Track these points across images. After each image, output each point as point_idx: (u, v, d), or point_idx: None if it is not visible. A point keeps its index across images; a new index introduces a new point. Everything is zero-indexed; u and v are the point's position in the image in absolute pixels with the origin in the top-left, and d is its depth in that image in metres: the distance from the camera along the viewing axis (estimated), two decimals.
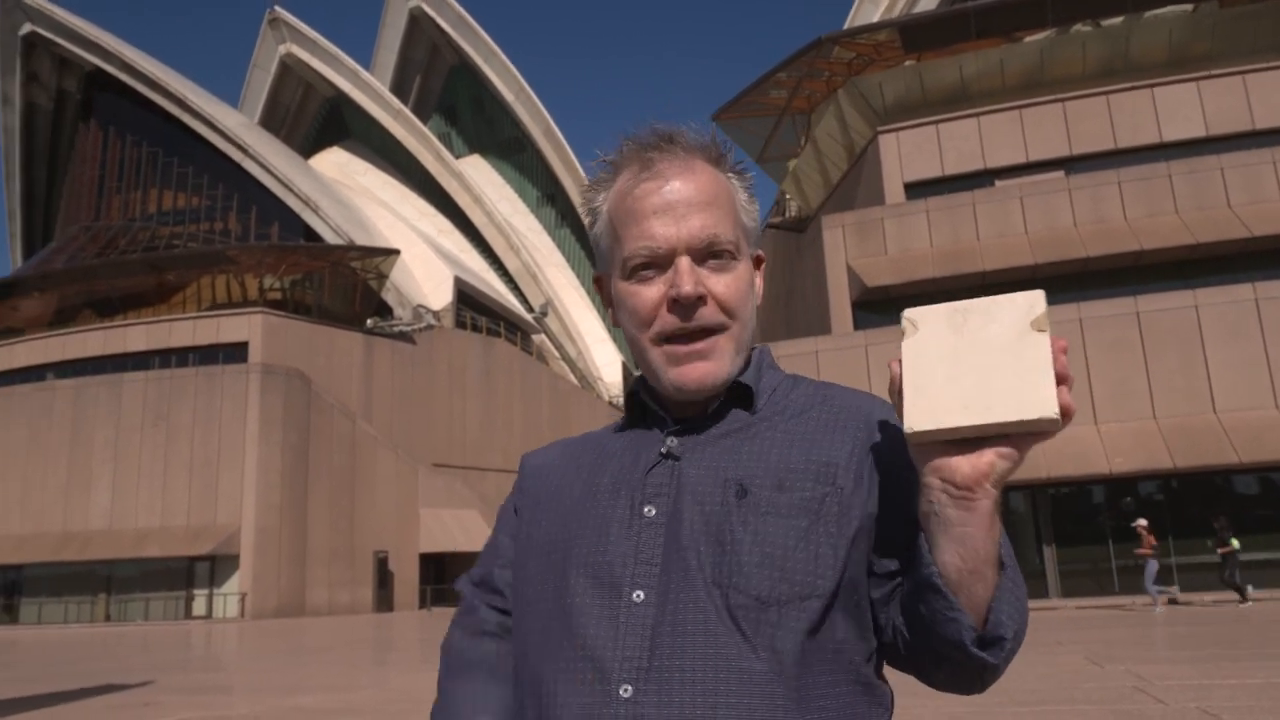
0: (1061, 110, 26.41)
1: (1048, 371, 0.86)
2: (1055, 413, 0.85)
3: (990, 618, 0.92)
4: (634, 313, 1.08)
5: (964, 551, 0.91)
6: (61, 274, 47.37)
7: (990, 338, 0.89)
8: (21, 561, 39.07)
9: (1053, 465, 21.38)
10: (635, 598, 0.99)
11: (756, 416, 1.09)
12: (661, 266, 1.06)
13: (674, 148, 1.09)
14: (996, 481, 0.90)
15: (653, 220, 1.06)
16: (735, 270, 1.08)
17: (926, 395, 0.90)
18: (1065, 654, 10.94)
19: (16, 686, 11.84)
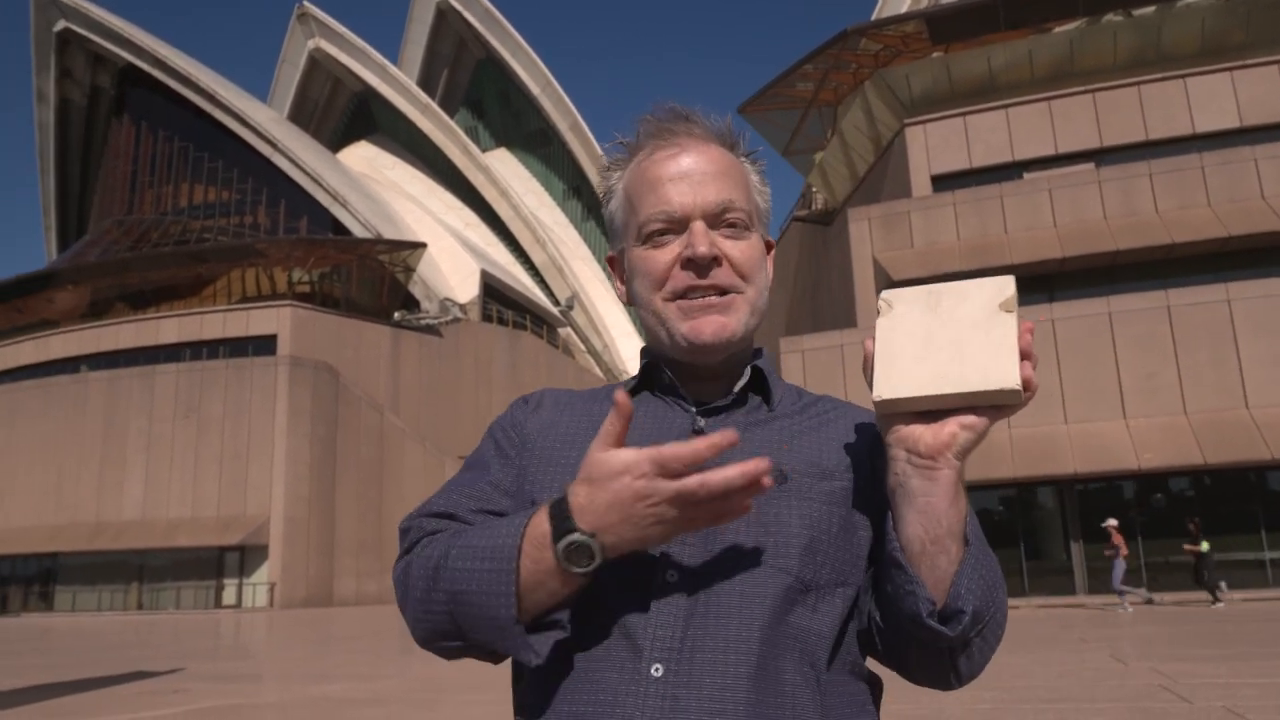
0: (1092, 101, 26.09)
1: (1012, 347, 0.89)
2: (1016, 383, 0.88)
3: (951, 590, 0.93)
4: (647, 274, 1.09)
5: (926, 522, 0.92)
6: (95, 267, 48.06)
7: (961, 317, 0.92)
8: (57, 550, 39.81)
9: (1080, 461, 21.18)
10: (669, 577, 0.97)
11: (779, 413, 1.10)
12: (677, 232, 1.07)
13: (690, 125, 1.11)
14: (959, 452, 0.92)
15: (669, 186, 1.07)
16: (749, 239, 1.10)
17: (896, 367, 0.93)
18: (1090, 652, 10.86)
19: (52, 672, 12.09)
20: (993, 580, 0.96)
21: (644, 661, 0.94)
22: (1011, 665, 9.71)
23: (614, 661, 0.95)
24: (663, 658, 0.93)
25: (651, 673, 0.93)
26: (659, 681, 0.93)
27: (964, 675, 1.00)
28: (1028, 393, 0.89)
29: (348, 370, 41.92)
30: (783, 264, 38.48)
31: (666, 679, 0.92)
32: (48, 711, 8.36)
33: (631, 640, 0.95)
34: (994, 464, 21.79)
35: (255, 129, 50.29)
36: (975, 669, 1.00)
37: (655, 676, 0.93)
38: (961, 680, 1.01)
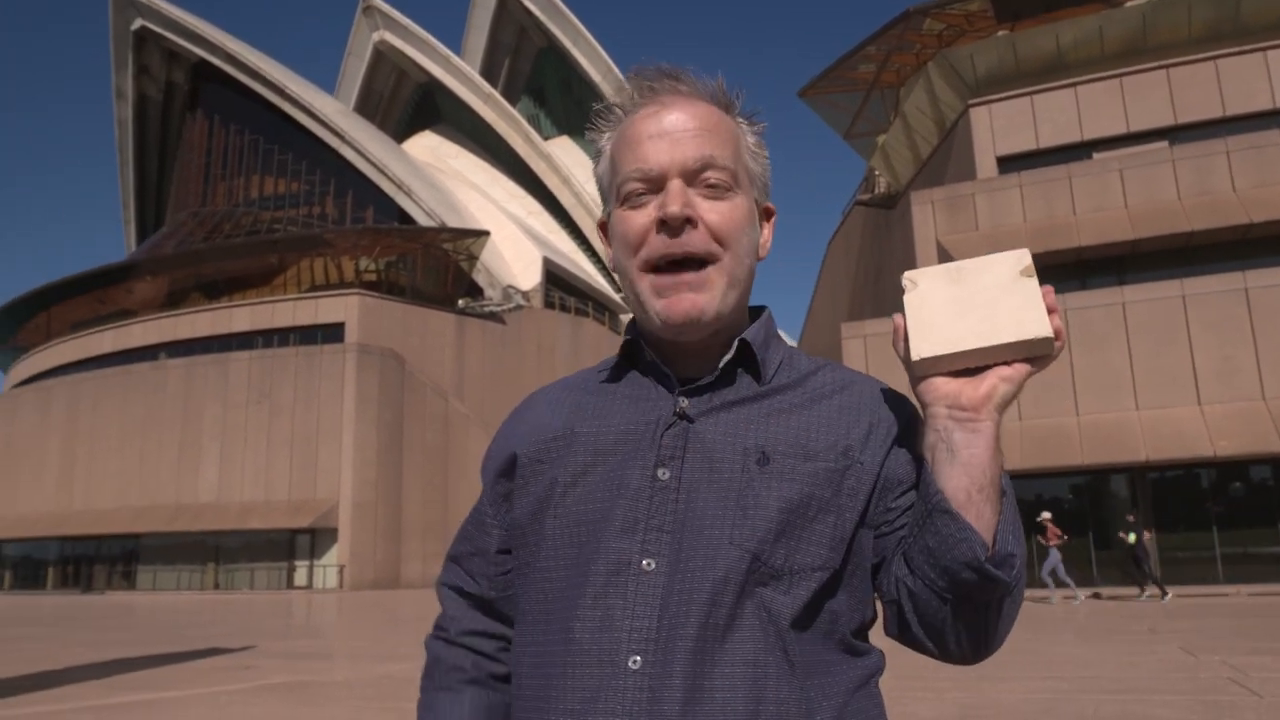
0: (1165, 77, 25.26)
1: (1039, 302, 0.94)
2: (1048, 331, 0.93)
3: (998, 539, 0.94)
4: (623, 238, 1.05)
5: (971, 474, 0.94)
6: (172, 258, 49.53)
7: (986, 284, 0.97)
8: (139, 531, 41.27)
9: (1153, 448, 20.64)
10: (645, 565, 0.96)
11: (769, 388, 1.06)
12: (655, 191, 1.03)
13: (677, 84, 1.07)
14: (999, 404, 0.95)
15: (647, 144, 1.04)
16: (732, 200, 1.04)
17: (931, 328, 0.97)
18: (1159, 643, 10.62)
19: (133, 647, 12.59)
20: (1022, 531, 0.99)
21: (622, 655, 0.93)
22: (1075, 656, 9.56)
23: (594, 655, 0.94)
24: (640, 648, 0.93)
25: (630, 665, 0.93)
26: (636, 673, 0.92)
27: (994, 637, 0.99)
28: (1059, 342, 0.94)
29: (413, 357, 42.62)
30: (845, 249, 38.05)
31: (644, 670, 0.92)
32: (128, 684, 8.72)
33: (611, 633, 0.94)
34: (1063, 451, 21.35)
35: (323, 121, 51.24)
36: (1003, 633, 0.99)
37: (633, 669, 0.92)
38: (991, 645, 0.99)
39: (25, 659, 11.34)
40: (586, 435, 1.07)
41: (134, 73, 57.59)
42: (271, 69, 52.49)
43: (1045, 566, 18.66)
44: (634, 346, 1.10)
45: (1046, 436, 21.73)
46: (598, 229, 1.17)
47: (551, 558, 1.02)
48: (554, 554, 1.02)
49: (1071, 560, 22.11)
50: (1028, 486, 23.22)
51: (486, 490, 1.17)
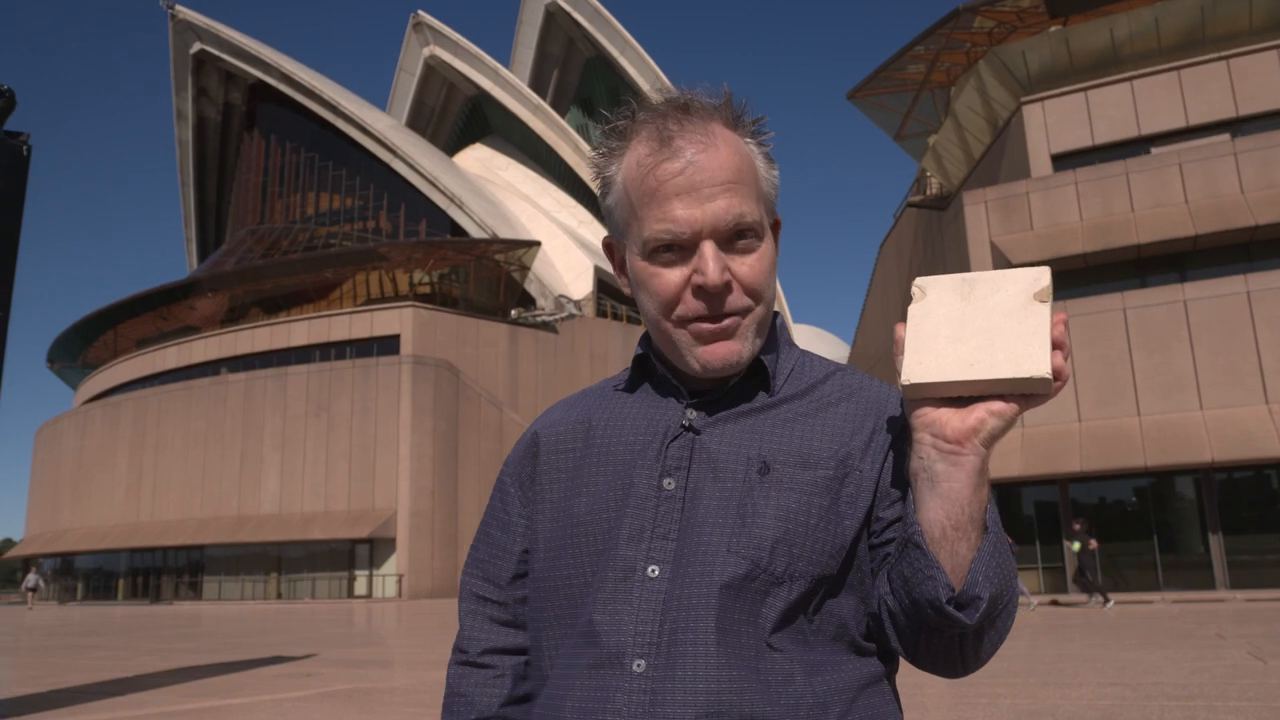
0: (1226, 69, 24.63)
1: (1044, 336, 0.89)
2: (1046, 372, 0.88)
3: (968, 576, 0.92)
4: (655, 295, 1.05)
5: (949, 508, 0.91)
6: (232, 275, 50.67)
7: (994, 305, 0.92)
8: (203, 542, 42.22)
9: (1219, 449, 20.12)
10: (650, 573, 0.99)
11: (776, 398, 1.08)
12: (684, 249, 1.02)
13: (690, 116, 1.04)
14: (986, 439, 0.91)
15: (675, 202, 1.01)
16: (759, 250, 1.05)
17: (926, 352, 0.93)
18: (1227, 648, 10.35)
19: (199, 655, 12.91)
20: (1007, 569, 0.94)
21: (626, 659, 0.96)
22: (1140, 661, 9.35)
23: (599, 660, 0.97)
24: (644, 653, 0.96)
25: (634, 669, 0.95)
26: (640, 677, 0.95)
27: (970, 663, 0.98)
28: (1058, 382, 0.89)
29: (467, 368, 43.06)
30: (897, 252, 37.67)
31: (648, 674, 0.95)
32: (195, 691, 8.95)
33: (616, 637, 0.97)
34: (1125, 453, 20.91)
35: (375, 137, 52.09)
36: (983, 658, 0.98)
37: (637, 672, 0.95)
38: (968, 669, 0.99)
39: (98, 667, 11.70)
40: (600, 439, 1.11)
41: (193, 95, 59.13)
42: (325, 87, 53.53)
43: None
44: (645, 361, 1.14)
45: (1108, 438, 21.30)
46: (604, 247, 1.17)
47: (565, 564, 1.06)
48: (568, 560, 1.06)
49: (1135, 565, 21.62)
50: (1089, 490, 22.78)
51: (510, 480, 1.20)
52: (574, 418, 1.16)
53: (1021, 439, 22.15)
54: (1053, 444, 21.74)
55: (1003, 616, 0.96)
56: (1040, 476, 22.05)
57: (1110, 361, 21.93)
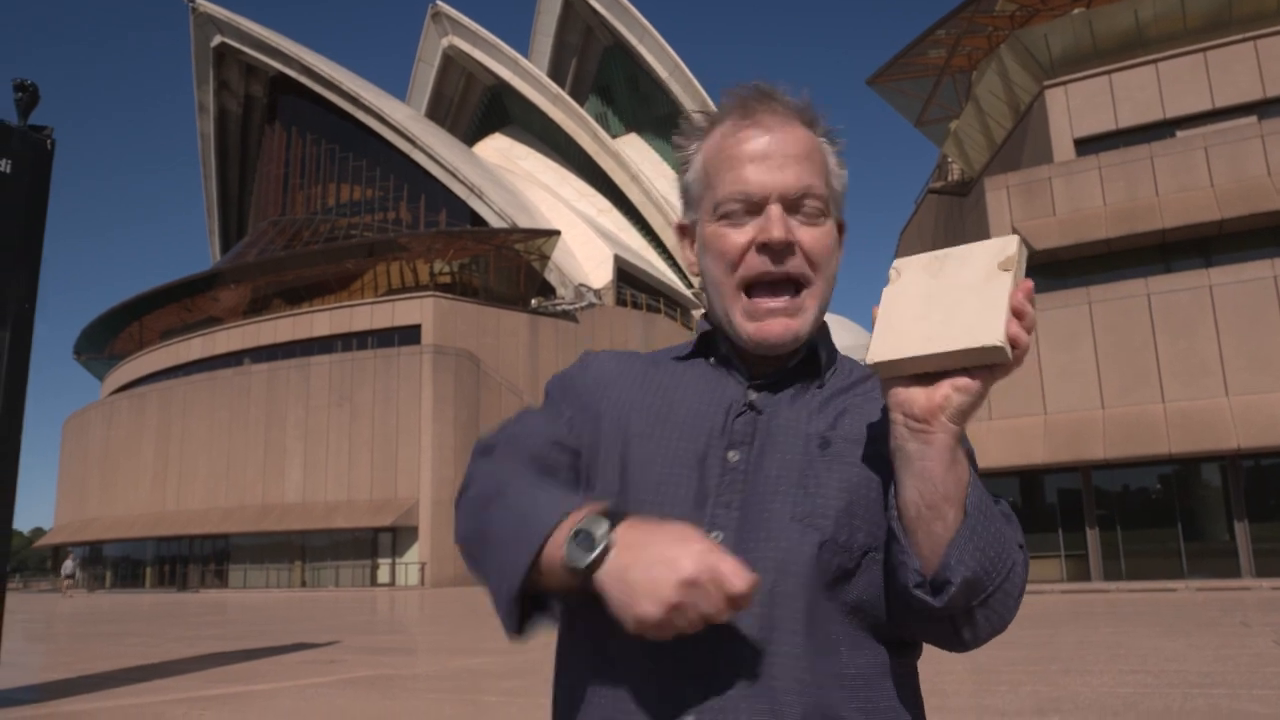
0: (1253, 49, 24.26)
1: (1002, 305, 0.88)
2: (999, 340, 0.87)
3: (941, 559, 0.92)
4: (721, 254, 1.08)
5: (923, 487, 0.92)
6: (254, 266, 51.03)
7: (961, 280, 0.92)
8: (228, 531, 42.67)
9: (1244, 435, 19.91)
10: (714, 538, 0.98)
11: (830, 390, 1.11)
12: (753, 213, 1.07)
13: (772, 104, 1.10)
14: (954, 415, 0.91)
15: (749, 166, 1.07)
16: (824, 226, 1.09)
17: (892, 330, 0.93)
18: (1252, 636, 10.27)
19: (225, 642, 13.06)
20: (997, 550, 0.94)
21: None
22: (1162, 649, 9.30)
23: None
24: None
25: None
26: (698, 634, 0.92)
27: (968, 643, 0.99)
28: (1017, 350, 0.88)
29: (488, 357, 43.21)
30: (918, 239, 37.43)
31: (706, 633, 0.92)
32: (220, 677, 9.07)
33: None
34: (1150, 440, 20.73)
35: (395, 127, 52.23)
36: (981, 637, 0.99)
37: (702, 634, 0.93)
38: (966, 647, 0.99)
39: (126, 653, 11.87)
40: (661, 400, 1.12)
41: (215, 88, 59.48)
42: (345, 79, 53.70)
43: None
44: (711, 339, 1.16)
45: (1132, 425, 21.12)
46: (675, 231, 1.20)
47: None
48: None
49: (1159, 552, 21.46)
50: (1113, 477, 22.61)
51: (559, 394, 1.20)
52: (635, 370, 1.17)
53: (1045, 426, 22.01)
54: (1076, 431, 21.58)
55: (997, 596, 0.95)
56: (1063, 464, 21.90)
57: (1134, 348, 21.72)
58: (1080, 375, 22.01)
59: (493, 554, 1.00)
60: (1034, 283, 0.93)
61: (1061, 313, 22.28)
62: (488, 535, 1.02)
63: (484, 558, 1.02)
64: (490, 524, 1.02)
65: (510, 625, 0.98)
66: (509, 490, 1.03)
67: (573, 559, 0.90)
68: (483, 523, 1.04)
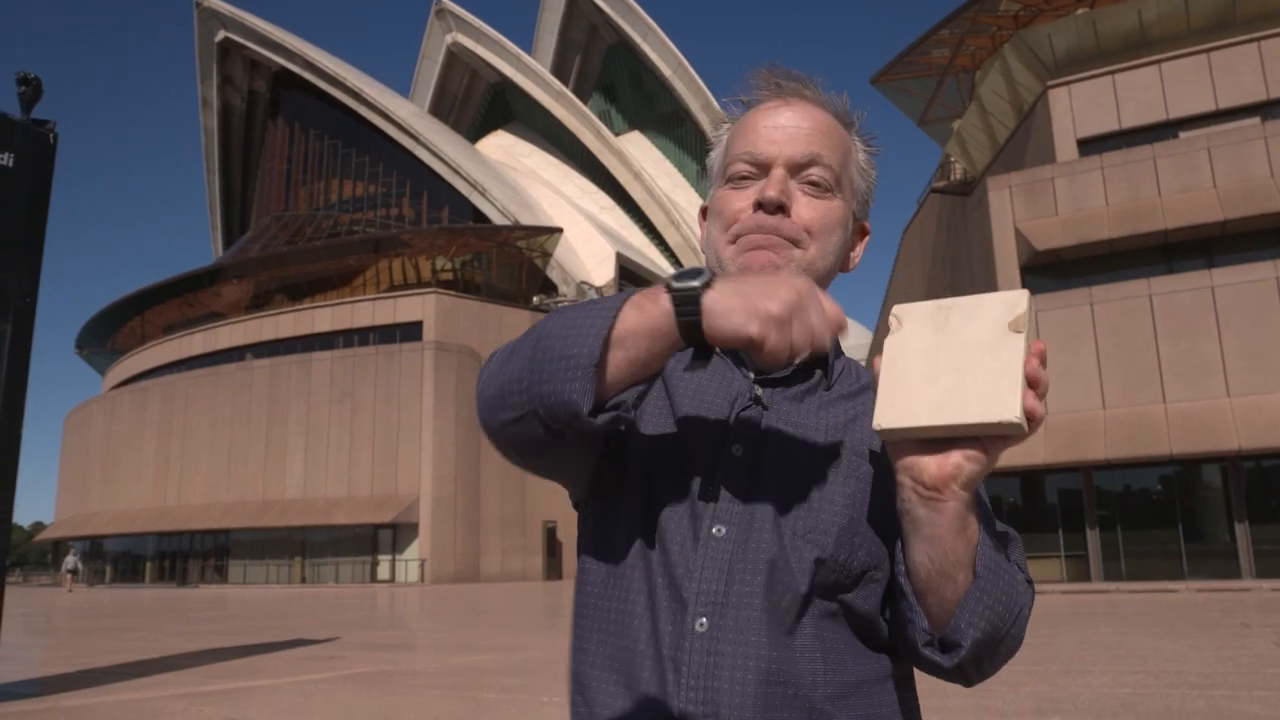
0: (1257, 51, 24.22)
1: (1016, 374, 0.83)
2: (1016, 417, 0.83)
3: (952, 622, 0.92)
4: (719, 214, 1.09)
5: (933, 553, 0.91)
6: (256, 262, 51.04)
7: (968, 337, 0.87)
8: (229, 526, 42.69)
9: (1246, 436, 19.89)
10: (716, 532, 0.98)
11: (836, 393, 1.08)
12: (759, 177, 1.07)
13: (803, 88, 1.11)
14: (965, 484, 0.88)
15: (761, 133, 1.08)
16: (829, 201, 1.07)
17: (899, 392, 0.88)
18: (1252, 638, 10.27)
19: (226, 638, 13.08)
20: (1006, 604, 0.93)
21: (689, 615, 0.95)
22: (1163, 650, 9.30)
23: (660, 611, 0.97)
24: (707, 612, 0.95)
25: (696, 627, 0.94)
26: (703, 636, 0.94)
27: (973, 680, 0.98)
28: (1033, 424, 0.85)
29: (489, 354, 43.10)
30: (920, 238, 37.40)
31: (710, 633, 0.94)
32: (220, 672, 9.07)
33: (677, 591, 0.96)
34: (1151, 441, 20.72)
35: (398, 124, 52.21)
36: (984, 676, 0.99)
37: (699, 631, 0.94)
38: (970, 684, 0.99)
39: (126, 648, 11.88)
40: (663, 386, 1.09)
41: (218, 83, 59.45)
42: (349, 74, 53.68)
43: None
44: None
45: (1133, 425, 21.11)
46: (699, 215, 1.20)
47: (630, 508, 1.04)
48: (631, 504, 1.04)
49: (1160, 553, 21.45)
50: (1113, 478, 22.60)
51: None
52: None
53: (1046, 425, 21.96)
54: (1077, 431, 21.57)
55: (1004, 642, 0.95)
56: (1064, 464, 21.89)
57: (1136, 348, 21.71)
58: (1082, 375, 21.99)
59: (554, 343, 0.90)
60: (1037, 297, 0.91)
61: (1064, 313, 22.26)
62: (543, 336, 0.93)
63: (547, 346, 0.91)
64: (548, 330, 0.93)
65: (586, 393, 0.88)
66: (552, 317, 0.95)
67: (683, 282, 0.86)
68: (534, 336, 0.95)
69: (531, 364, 0.92)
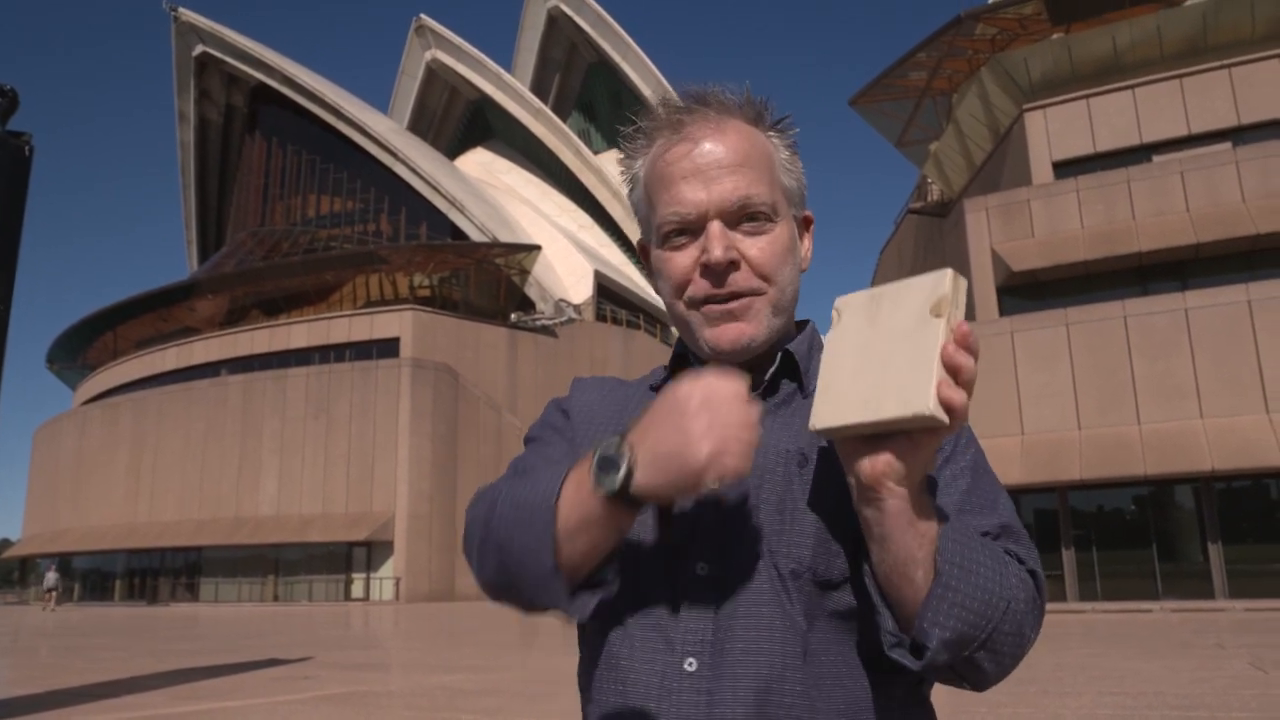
0: (1228, 77, 24.66)
1: (930, 364, 0.79)
2: (929, 409, 0.78)
3: (916, 623, 0.88)
4: (668, 279, 1.05)
5: (882, 552, 0.88)
6: (232, 277, 50.67)
7: (895, 326, 0.84)
8: (201, 544, 42.16)
9: (1219, 458, 20.08)
10: (699, 570, 0.97)
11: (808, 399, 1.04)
12: (694, 232, 1.03)
13: (705, 109, 1.05)
14: (900, 480, 0.85)
15: (682, 185, 1.02)
16: (772, 233, 1.03)
17: (833, 390, 0.87)
18: (1227, 658, 10.31)
19: (196, 657, 12.86)
20: (981, 600, 0.88)
21: (677, 656, 0.95)
22: (1140, 671, 9.32)
23: (649, 655, 0.96)
24: (695, 651, 0.94)
25: (685, 667, 0.94)
26: (693, 676, 0.93)
27: (979, 684, 0.94)
28: (954, 416, 0.80)
29: (467, 371, 43.04)
30: (898, 259, 37.69)
31: (700, 673, 0.93)
32: (191, 693, 8.91)
33: (664, 634, 0.96)
34: (1125, 461, 20.87)
35: (377, 140, 52.12)
36: (991, 679, 0.94)
37: (689, 671, 0.93)
38: (979, 687, 0.95)
39: (95, 668, 11.66)
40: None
41: (195, 97, 59.15)
42: (327, 90, 53.56)
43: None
44: (684, 360, 1.12)
45: (1109, 446, 21.26)
46: (638, 250, 1.17)
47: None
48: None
49: (1134, 574, 21.57)
50: (1089, 498, 22.74)
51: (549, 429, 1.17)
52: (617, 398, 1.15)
53: (1022, 446, 22.13)
54: (1053, 452, 21.71)
55: (996, 639, 0.90)
56: (1040, 484, 22.00)
57: (1111, 369, 21.90)
58: (1058, 396, 22.15)
59: (514, 549, 0.94)
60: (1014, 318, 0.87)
61: (1040, 334, 22.45)
62: (502, 541, 0.96)
63: (509, 555, 0.95)
64: (501, 528, 0.96)
65: (567, 605, 0.92)
66: (499, 498, 0.98)
67: (602, 484, 0.87)
68: (493, 533, 0.97)
69: (500, 570, 0.96)
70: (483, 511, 1.00)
